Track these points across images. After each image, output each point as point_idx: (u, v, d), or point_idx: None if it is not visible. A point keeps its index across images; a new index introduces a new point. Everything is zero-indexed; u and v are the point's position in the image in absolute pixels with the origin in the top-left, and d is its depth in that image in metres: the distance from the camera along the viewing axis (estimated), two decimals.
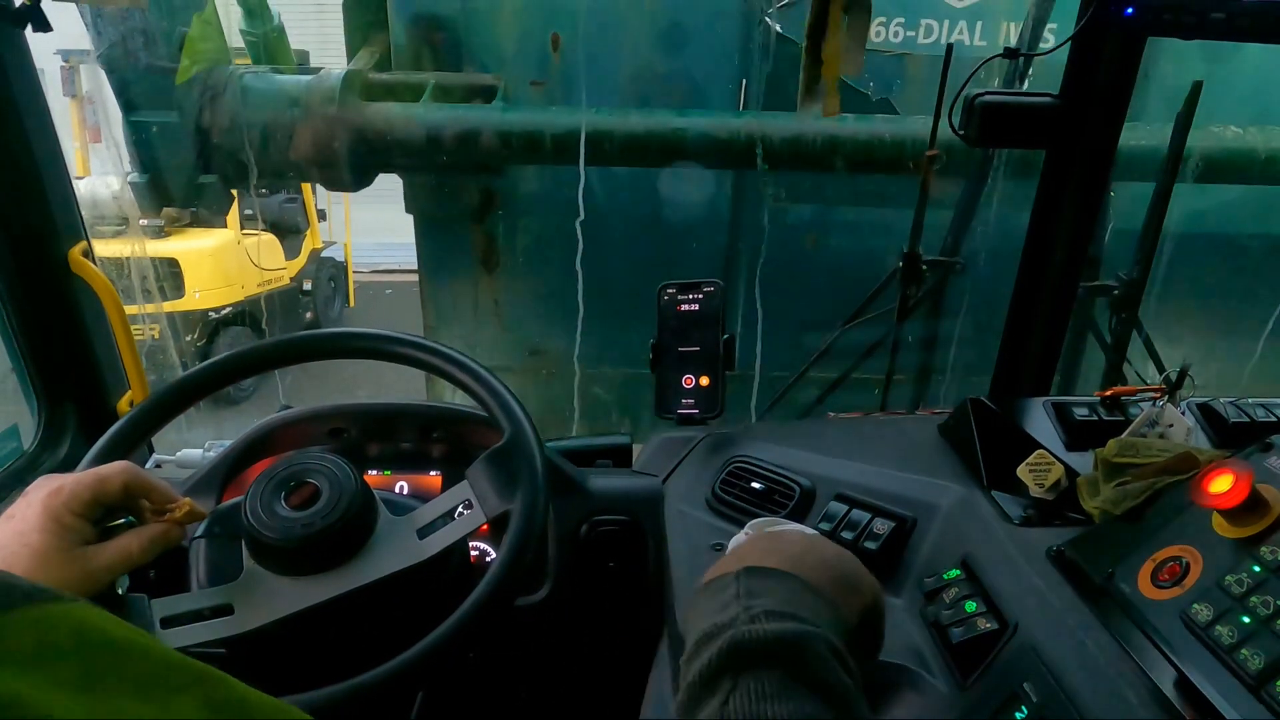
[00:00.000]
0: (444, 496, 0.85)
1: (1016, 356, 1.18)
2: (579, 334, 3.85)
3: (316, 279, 7.33)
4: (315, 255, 7.49)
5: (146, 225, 4.98)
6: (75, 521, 0.66)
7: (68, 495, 0.67)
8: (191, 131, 3.47)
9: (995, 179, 3.24)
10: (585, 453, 1.24)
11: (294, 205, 7.16)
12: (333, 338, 0.99)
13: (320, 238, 7.72)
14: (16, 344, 1.18)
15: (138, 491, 0.72)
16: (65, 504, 0.66)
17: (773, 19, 3.46)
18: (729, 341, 1.18)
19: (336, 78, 3.43)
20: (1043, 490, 0.86)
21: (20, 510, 0.66)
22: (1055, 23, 2.86)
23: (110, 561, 0.68)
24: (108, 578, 0.68)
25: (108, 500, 0.69)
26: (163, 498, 0.74)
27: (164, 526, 0.72)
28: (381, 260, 9.30)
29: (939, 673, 0.76)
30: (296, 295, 7.05)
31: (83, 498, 0.67)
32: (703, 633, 0.49)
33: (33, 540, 0.64)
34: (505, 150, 3.44)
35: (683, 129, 3.40)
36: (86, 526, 0.68)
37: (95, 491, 0.68)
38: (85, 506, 0.67)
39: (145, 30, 3.38)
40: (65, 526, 0.65)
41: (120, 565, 0.68)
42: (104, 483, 0.69)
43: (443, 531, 0.83)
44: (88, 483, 0.68)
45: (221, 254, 5.90)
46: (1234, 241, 3.79)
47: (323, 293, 7.44)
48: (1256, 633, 0.56)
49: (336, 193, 7.28)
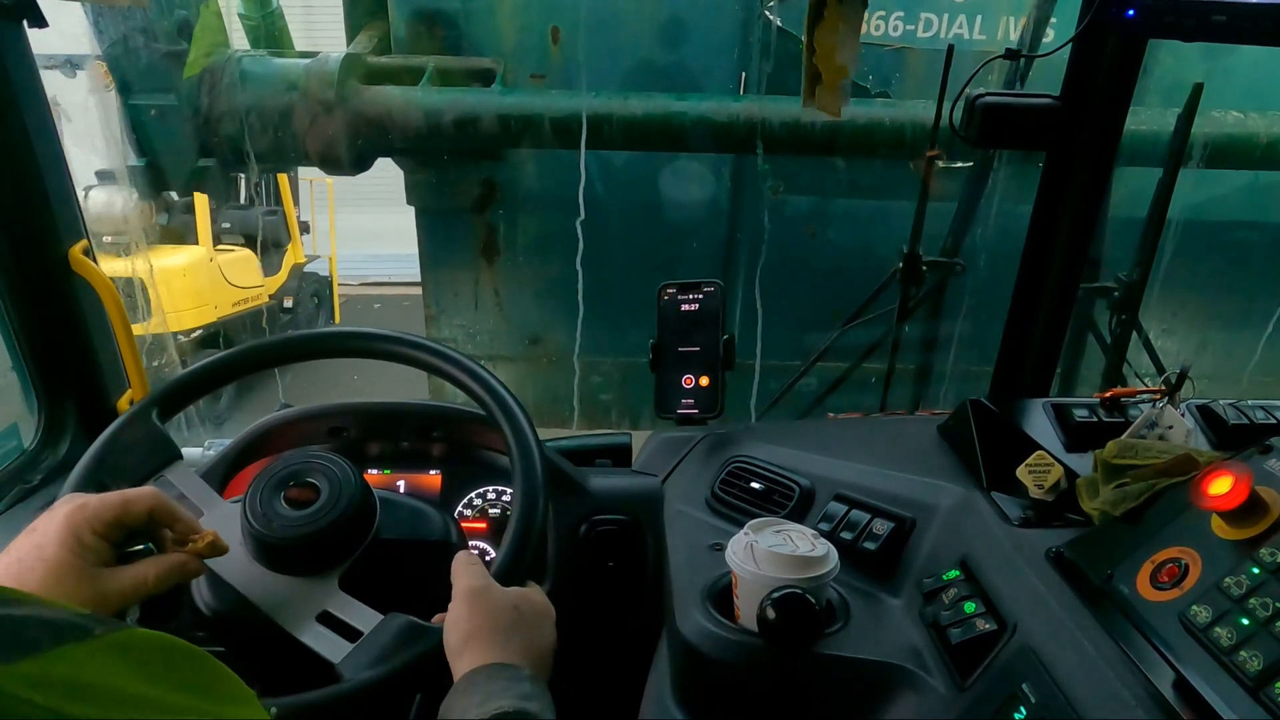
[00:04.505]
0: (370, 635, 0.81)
1: (1016, 357, 1.18)
2: (580, 322, 3.86)
3: (298, 296, 6.94)
4: (297, 270, 7.07)
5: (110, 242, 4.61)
6: (95, 541, 0.65)
7: (91, 514, 0.66)
8: (190, 115, 3.46)
9: (995, 179, 3.24)
10: (584, 452, 1.24)
11: (274, 218, 6.68)
12: (332, 337, 0.99)
13: (303, 251, 7.24)
14: (17, 342, 1.18)
15: (162, 519, 0.71)
16: (87, 521, 0.65)
17: (772, 12, 3.45)
18: (729, 342, 1.18)
19: (335, 61, 3.41)
20: (1042, 491, 0.86)
21: (42, 524, 0.65)
22: (1056, 18, 2.86)
23: (124, 587, 0.66)
24: (119, 603, 0.67)
25: (131, 524, 0.68)
26: (186, 528, 0.73)
27: (184, 557, 0.71)
28: (370, 272, 8.99)
29: (938, 673, 0.77)
30: (276, 314, 6.64)
31: (105, 518, 0.66)
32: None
33: (49, 554, 0.63)
34: (505, 134, 3.43)
35: (682, 113, 3.39)
36: (106, 548, 0.66)
37: (119, 513, 0.67)
38: (107, 527, 0.66)
39: (145, 15, 3.38)
40: (84, 545, 0.64)
41: (134, 592, 0.67)
42: (129, 505, 0.68)
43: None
44: (113, 503, 0.67)
45: (192, 273, 5.49)
46: (1230, 232, 3.79)
47: (305, 310, 7.05)
48: (1255, 634, 0.57)
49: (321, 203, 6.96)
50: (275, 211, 6.72)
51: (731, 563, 0.81)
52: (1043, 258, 1.12)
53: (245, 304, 6.16)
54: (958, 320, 3.50)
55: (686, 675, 0.87)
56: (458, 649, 0.69)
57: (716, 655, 0.82)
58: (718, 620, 0.84)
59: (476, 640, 0.68)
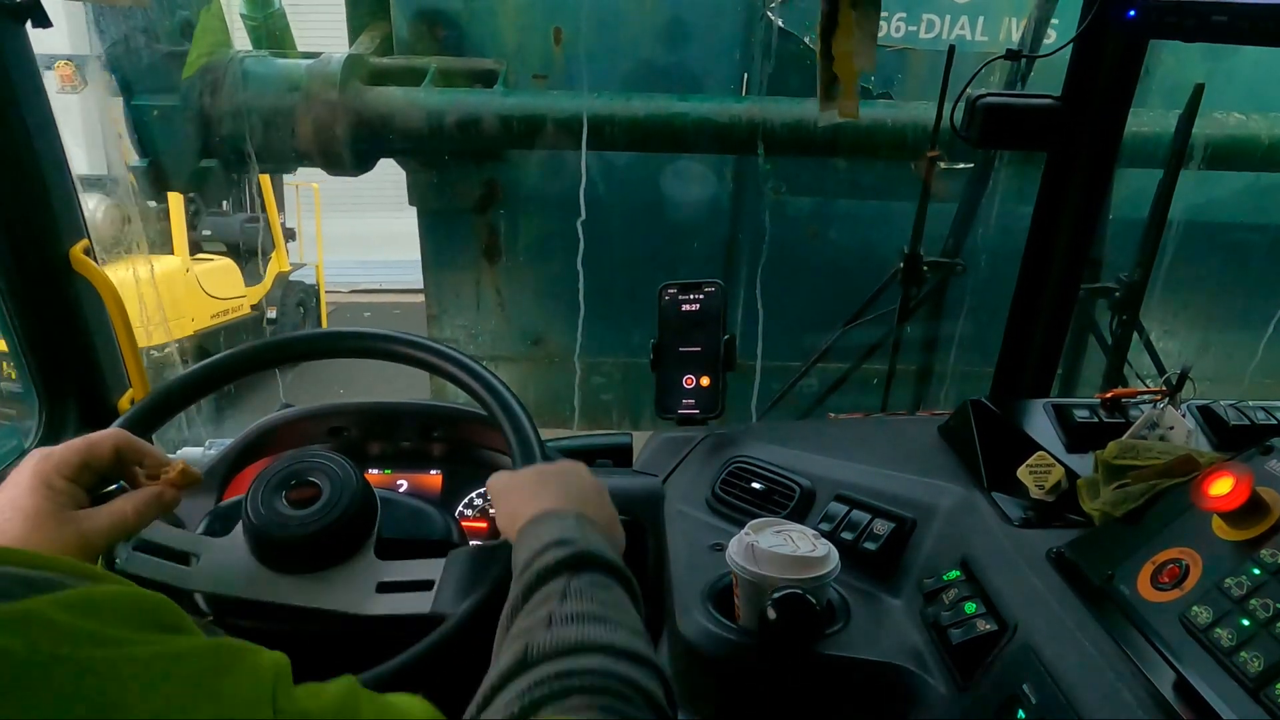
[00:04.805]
0: (422, 564, 0.84)
1: (1017, 358, 1.18)
2: (581, 322, 3.87)
3: (283, 306, 6.74)
4: (282, 279, 6.80)
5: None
6: (65, 485, 0.65)
7: (57, 460, 0.66)
8: (193, 116, 3.46)
9: (996, 180, 3.24)
10: (585, 452, 1.23)
11: (256, 225, 6.41)
12: (331, 337, 0.99)
13: (288, 259, 6.96)
14: (18, 341, 1.18)
15: (129, 457, 0.71)
16: (55, 468, 0.65)
17: (774, 14, 3.45)
18: (730, 342, 1.18)
19: (338, 62, 3.41)
20: (1043, 492, 0.86)
21: (11, 478, 0.66)
22: (1057, 18, 2.86)
23: (105, 525, 0.67)
24: (103, 542, 0.67)
25: (98, 465, 0.68)
26: (156, 461, 0.73)
27: (158, 488, 0.71)
28: (361, 279, 8.76)
29: (938, 674, 0.77)
30: (259, 325, 6.43)
31: (72, 462, 0.66)
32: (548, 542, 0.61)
33: (23, 504, 0.63)
34: (506, 135, 3.43)
35: (684, 114, 3.39)
36: (78, 491, 0.67)
37: (85, 455, 0.67)
38: (75, 470, 0.66)
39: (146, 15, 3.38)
40: (56, 490, 0.65)
41: (116, 529, 0.67)
42: (94, 447, 0.68)
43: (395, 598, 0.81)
44: (77, 447, 0.68)
45: (166, 284, 5.22)
46: (1230, 233, 3.79)
47: (290, 320, 6.81)
48: (1256, 635, 0.57)
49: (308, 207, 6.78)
50: (258, 218, 6.48)
51: (732, 563, 0.81)
52: (1044, 258, 1.12)
53: (225, 315, 5.98)
54: (959, 321, 3.50)
55: (687, 675, 0.87)
56: (512, 530, 0.70)
57: (717, 655, 0.82)
58: (718, 620, 0.84)
59: (519, 513, 0.69)
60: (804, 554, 0.79)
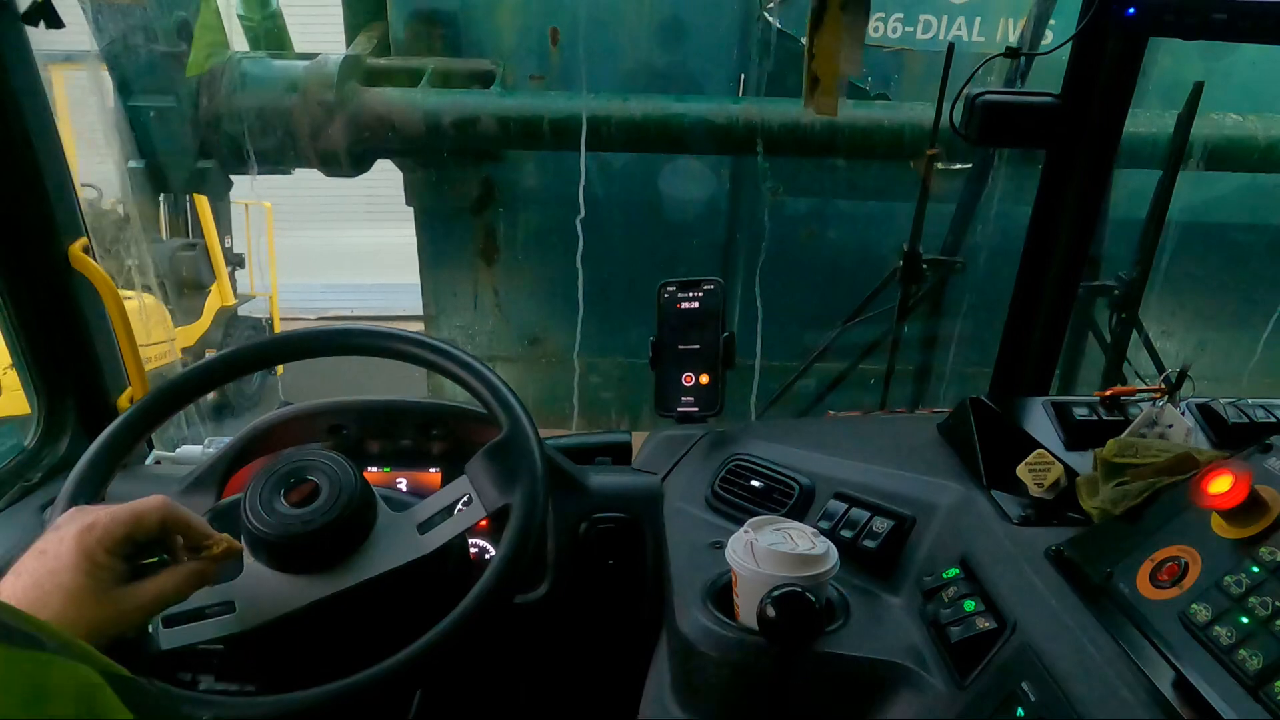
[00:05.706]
0: (444, 491, 0.85)
1: (1016, 356, 1.18)
2: (579, 321, 3.87)
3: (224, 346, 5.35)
4: (225, 315, 5.75)
5: None
6: (109, 560, 0.64)
7: (101, 532, 0.64)
8: (190, 117, 3.46)
9: (995, 180, 3.24)
10: (584, 450, 1.23)
11: (192, 253, 5.35)
12: (330, 335, 0.99)
13: (232, 292, 5.92)
14: (17, 340, 1.18)
15: (174, 528, 0.70)
16: (99, 541, 0.63)
17: (771, 14, 3.46)
18: (729, 339, 1.18)
19: (335, 63, 3.42)
20: (1042, 490, 0.86)
21: (53, 546, 0.63)
22: (1055, 19, 2.87)
23: (145, 602, 0.65)
24: (140, 618, 0.66)
25: (143, 538, 0.67)
26: (199, 535, 0.72)
27: (201, 564, 0.70)
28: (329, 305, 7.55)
29: (937, 672, 0.77)
30: None
31: (117, 535, 0.65)
32: None
33: (65, 580, 0.61)
34: (504, 135, 3.45)
35: (681, 114, 3.40)
36: (121, 565, 0.65)
37: (130, 529, 0.66)
38: (120, 544, 0.65)
39: (144, 14, 3.38)
40: (99, 565, 0.63)
41: (155, 605, 0.66)
42: (140, 519, 0.66)
43: (443, 527, 0.83)
44: (123, 519, 0.65)
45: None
46: (1228, 233, 3.80)
47: None
48: (1255, 633, 0.57)
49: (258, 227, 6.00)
50: (194, 245, 5.42)
51: (731, 561, 0.81)
52: (1043, 256, 1.12)
53: (149, 363, 4.74)
54: (958, 319, 3.50)
55: (686, 673, 0.87)
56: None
57: (716, 653, 0.82)
58: (717, 618, 0.84)
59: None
60: (803, 552, 0.79)
